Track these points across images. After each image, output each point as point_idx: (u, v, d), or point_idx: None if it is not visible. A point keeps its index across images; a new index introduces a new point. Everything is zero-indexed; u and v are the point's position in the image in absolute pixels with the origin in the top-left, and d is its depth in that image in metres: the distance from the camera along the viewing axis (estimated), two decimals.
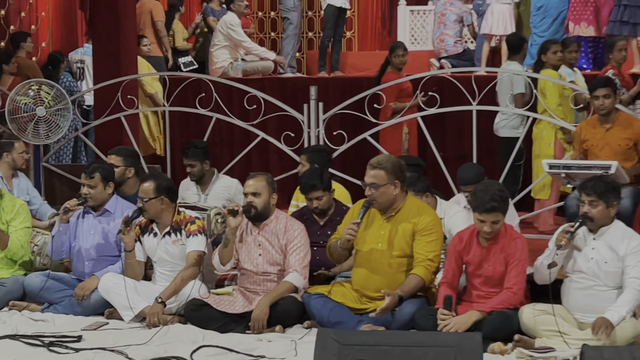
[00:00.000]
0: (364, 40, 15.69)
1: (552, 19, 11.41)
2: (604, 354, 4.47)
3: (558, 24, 11.40)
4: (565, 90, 8.93)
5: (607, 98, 7.50)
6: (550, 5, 11.40)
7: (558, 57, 9.18)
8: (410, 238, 6.12)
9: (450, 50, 12.16)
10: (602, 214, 5.92)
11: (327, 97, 10.20)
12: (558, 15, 11.40)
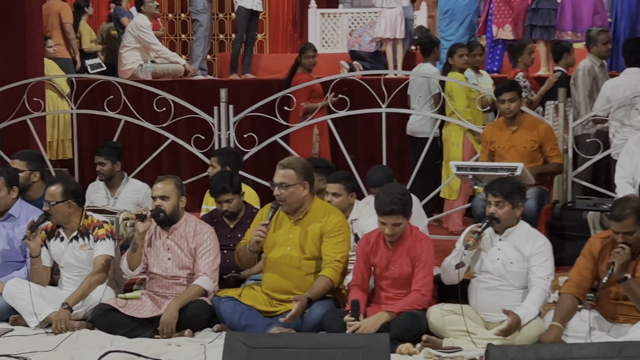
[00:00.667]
0: (275, 42, 15.71)
1: (459, 23, 11.57)
2: (509, 353, 4.52)
3: (465, 28, 11.57)
4: (472, 93, 9.07)
5: (512, 102, 7.62)
6: (456, 9, 11.56)
7: (464, 60, 9.32)
8: (319, 240, 6.13)
9: (364, 47, 12.23)
10: (508, 215, 6.01)
11: (238, 99, 10.18)
12: (465, 19, 11.57)
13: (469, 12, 11.62)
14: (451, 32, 11.51)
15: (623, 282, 5.54)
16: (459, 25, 11.58)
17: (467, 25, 11.60)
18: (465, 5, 11.57)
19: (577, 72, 9.12)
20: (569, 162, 8.33)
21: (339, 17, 14.54)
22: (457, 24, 11.58)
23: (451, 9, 11.60)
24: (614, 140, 8.34)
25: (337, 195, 6.83)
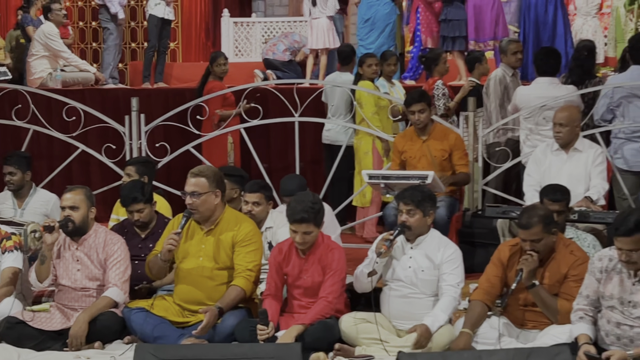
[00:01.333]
0: (188, 51, 15.62)
1: (379, 32, 11.67)
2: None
3: (385, 37, 11.67)
4: (381, 101, 9.15)
5: (422, 112, 7.70)
6: (377, 18, 11.66)
7: (373, 70, 9.39)
8: (231, 249, 6.11)
9: (278, 56, 12.24)
10: (420, 223, 6.07)
11: (150, 108, 10.10)
12: (385, 28, 11.68)
13: (389, 22, 11.72)
14: (371, 41, 11.60)
15: (531, 289, 5.64)
16: (379, 34, 11.67)
17: (387, 35, 11.70)
18: (386, 14, 11.68)
19: (488, 82, 9.26)
20: (478, 170, 8.44)
21: (252, 26, 14.55)
22: (377, 32, 11.68)
23: (372, 18, 11.70)
24: (524, 148, 8.48)
25: (258, 204, 6.82)
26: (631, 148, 8.00)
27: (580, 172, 7.33)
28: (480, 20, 11.13)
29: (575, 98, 8.32)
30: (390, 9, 11.77)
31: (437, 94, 9.26)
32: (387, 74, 9.79)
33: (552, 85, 8.49)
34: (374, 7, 11.72)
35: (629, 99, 7.98)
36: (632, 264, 5.16)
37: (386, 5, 11.73)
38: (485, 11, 11.12)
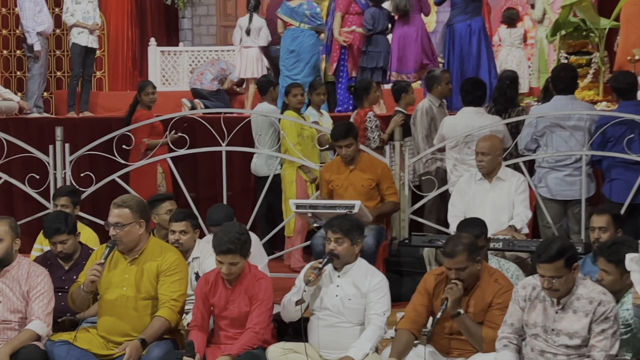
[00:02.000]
0: (114, 80, 15.51)
1: (305, 63, 11.73)
2: None
3: (311, 68, 11.73)
4: (304, 131, 9.19)
5: (349, 147, 7.73)
6: (302, 49, 11.72)
7: (298, 100, 9.43)
8: (155, 279, 6.05)
9: (205, 85, 12.21)
10: (348, 251, 6.09)
11: (75, 137, 10.01)
12: (310, 59, 11.74)
13: (314, 52, 11.80)
14: (297, 72, 11.64)
15: (456, 318, 5.68)
16: (304, 65, 11.73)
17: (312, 65, 11.77)
18: (311, 45, 11.75)
19: (416, 112, 9.35)
20: (405, 199, 8.50)
21: (179, 55, 14.53)
22: (303, 63, 11.74)
23: (297, 50, 11.75)
24: (451, 177, 8.57)
25: (185, 233, 6.78)
26: (555, 177, 8.13)
27: (504, 200, 7.43)
28: (404, 52, 11.28)
29: (500, 127, 8.45)
30: (315, 40, 11.85)
31: (370, 126, 9.28)
32: (316, 104, 9.84)
33: (478, 114, 8.61)
34: (299, 38, 11.79)
35: (552, 128, 8.12)
36: (554, 291, 5.23)
37: (311, 37, 11.81)
38: (410, 43, 11.28)
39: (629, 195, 7.78)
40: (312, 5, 12.06)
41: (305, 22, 11.87)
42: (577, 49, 11.14)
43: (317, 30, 11.94)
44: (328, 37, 11.89)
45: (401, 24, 11.43)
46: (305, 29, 11.85)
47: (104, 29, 15.02)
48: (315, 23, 11.88)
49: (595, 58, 10.96)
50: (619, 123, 7.85)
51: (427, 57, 11.36)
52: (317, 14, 11.92)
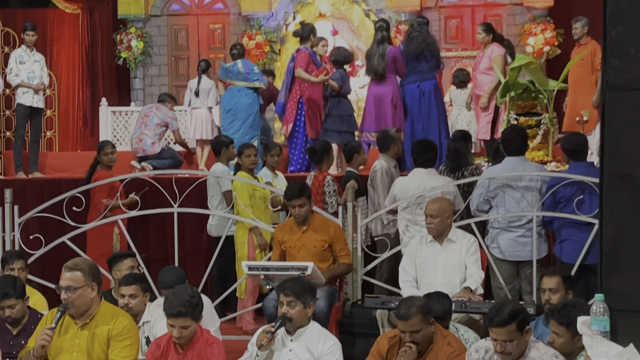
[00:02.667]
0: (65, 140, 15.45)
1: (242, 122, 11.79)
2: None
3: (248, 127, 11.77)
4: (257, 192, 9.19)
5: (302, 207, 7.73)
6: (239, 108, 11.78)
7: (251, 160, 9.46)
8: (106, 344, 5.96)
9: (148, 151, 12.16)
10: (300, 315, 6.07)
11: (25, 199, 9.91)
12: (247, 118, 11.79)
13: (251, 112, 11.84)
14: (233, 131, 11.68)
15: None
16: (241, 124, 11.78)
17: (249, 124, 11.80)
18: (248, 104, 11.81)
19: (374, 173, 9.37)
20: (358, 260, 8.50)
21: (130, 115, 14.50)
22: (240, 122, 11.78)
23: (233, 108, 11.81)
24: (404, 239, 8.60)
25: (134, 296, 6.70)
26: (507, 238, 8.19)
27: (455, 262, 7.46)
28: (381, 112, 11.38)
29: (451, 188, 8.53)
30: (252, 99, 11.91)
31: (328, 191, 9.31)
32: (270, 165, 9.85)
33: (429, 175, 8.69)
34: (236, 97, 11.85)
35: (504, 189, 8.20)
36: (507, 355, 5.25)
37: (248, 96, 11.87)
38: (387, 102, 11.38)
39: (579, 255, 7.85)
40: (247, 63, 12.16)
41: (241, 79, 11.95)
42: (527, 110, 11.28)
43: (255, 88, 11.98)
44: (285, 96, 11.90)
45: (376, 84, 11.54)
46: (242, 87, 11.91)
47: (55, 89, 14.99)
48: (251, 79, 11.95)
49: (545, 119, 11.12)
50: (570, 184, 7.95)
51: (400, 118, 11.45)
52: (252, 70, 12.00)
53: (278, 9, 16.58)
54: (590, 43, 11.87)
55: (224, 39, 16.77)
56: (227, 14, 16.82)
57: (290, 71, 11.86)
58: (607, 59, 4.53)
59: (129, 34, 16.38)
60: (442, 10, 16.32)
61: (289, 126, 11.85)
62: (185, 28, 16.81)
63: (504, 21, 16.27)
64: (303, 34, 11.93)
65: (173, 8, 16.89)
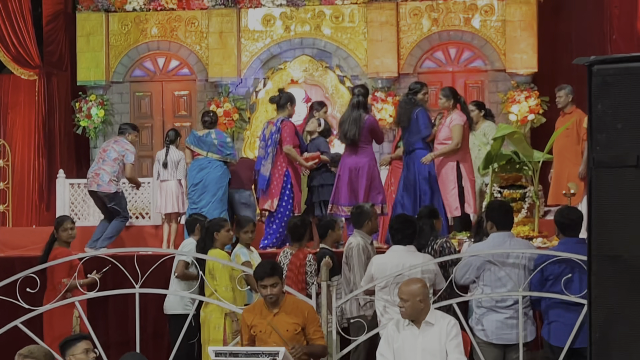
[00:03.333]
0: (19, 214, 15.41)
1: (212, 195, 11.81)
2: None
3: (218, 201, 11.79)
4: (235, 272, 9.12)
5: (274, 287, 7.62)
6: (208, 181, 11.81)
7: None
8: None
9: (103, 187, 12.11)
10: None
11: None
12: (217, 191, 11.82)
13: (221, 185, 11.88)
14: (203, 204, 11.69)
15: None
16: (211, 197, 11.81)
17: (219, 198, 11.83)
18: (218, 177, 11.85)
19: (350, 251, 9.29)
20: (333, 344, 8.46)
21: None
22: (209, 195, 11.81)
23: (202, 181, 11.84)
24: (382, 320, 8.55)
25: None
26: (494, 319, 8.15)
27: (435, 346, 7.38)
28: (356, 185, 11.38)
29: (432, 266, 8.53)
30: (222, 171, 11.95)
31: (309, 270, 9.26)
32: (245, 242, 9.76)
33: (409, 253, 8.68)
34: (206, 169, 11.88)
35: (490, 267, 8.20)
36: None
37: (218, 168, 11.91)
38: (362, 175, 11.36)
39: (568, 338, 7.83)
40: (221, 134, 12.22)
41: (213, 152, 11.99)
42: (511, 182, 11.34)
43: (225, 161, 12.03)
44: (269, 169, 11.83)
45: (350, 154, 11.53)
46: (213, 159, 11.95)
47: (8, 159, 14.97)
48: (224, 153, 12.01)
49: (530, 192, 11.17)
50: (558, 261, 7.94)
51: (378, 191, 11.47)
52: (225, 143, 12.05)
53: (247, 75, 16.78)
54: (575, 112, 12.05)
55: (190, 106, 16.93)
56: (194, 80, 16.99)
57: (276, 143, 11.80)
58: (594, 134, 4.59)
59: (88, 101, 16.50)
60: (420, 76, 16.55)
61: (274, 200, 11.81)
62: (148, 95, 16.97)
63: (486, 88, 16.53)
64: (280, 101, 11.98)
65: (136, 74, 17.06)
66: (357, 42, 16.66)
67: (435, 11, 16.59)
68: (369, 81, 16.34)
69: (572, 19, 16.32)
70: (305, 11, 16.80)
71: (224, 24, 16.75)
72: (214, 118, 12.44)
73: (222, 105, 16.36)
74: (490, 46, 16.38)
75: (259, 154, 12.18)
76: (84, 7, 16.93)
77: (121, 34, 16.98)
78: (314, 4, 16.74)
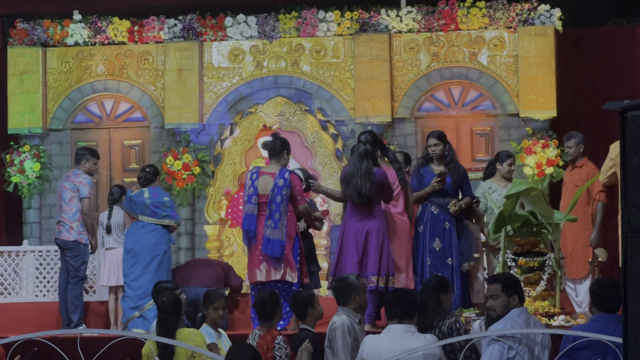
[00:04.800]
0: None
1: (144, 266, 11.82)
2: None
3: (152, 272, 11.77)
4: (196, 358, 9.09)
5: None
6: (141, 248, 11.81)
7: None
8: None
9: (63, 235, 12.21)
10: None
11: None
12: (151, 262, 11.82)
13: (156, 253, 11.85)
14: (135, 277, 11.72)
15: None
16: (143, 268, 11.81)
17: (154, 269, 11.79)
18: (151, 244, 11.84)
19: (333, 332, 9.20)
20: None
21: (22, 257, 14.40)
22: (141, 267, 11.83)
23: (135, 249, 11.85)
24: None
25: None
26: None
27: None
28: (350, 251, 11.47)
29: (435, 350, 8.50)
30: (159, 237, 11.95)
31: (279, 355, 9.20)
32: (212, 320, 9.77)
33: (407, 334, 8.65)
34: (138, 235, 11.91)
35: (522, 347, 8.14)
36: None
37: (154, 233, 11.92)
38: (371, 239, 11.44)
39: None
40: (156, 192, 12.21)
41: (146, 214, 12.01)
42: (527, 248, 11.33)
43: (164, 225, 12.02)
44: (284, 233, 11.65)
45: (356, 213, 11.53)
46: (148, 223, 11.97)
47: None
48: (159, 215, 12.00)
49: (550, 260, 11.18)
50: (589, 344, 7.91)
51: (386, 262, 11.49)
52: (161, 203, 12.05)
53: (211, 121, 16.77)
54: (586, 165, 12.23)
55: (143, 158, 16.90)
56: (147, 127, 16.98)
57: (287, 199, 11.59)
58: (628, 194, 4.62)
59: (21, 152, 16.44)
60: (418, 121, 16.61)
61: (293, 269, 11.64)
62: (93, 144, 16.85)
63: (496, 135, 16.54)
64: (275, 147, 11.82)
65: (79, 120, 17.06)
66: (343, 81, 16.65)
67: (435, 45, 16.58)
68: (356, 127, 16.36)
69: (596, 54, 16.47)
70: (280, 44, 16.75)
71: (184, 60, 16.70)
72: (150, 174, 12.47)
73: (180, 157, 16.31)
74: (501, 85, 16.41)
75: (248, 211, 11.74)
76: (16, 41, 16.87)
77: (61, 72, 16.94)
78: (290, 35, 16.69)
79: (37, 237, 16.30)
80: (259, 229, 11.58)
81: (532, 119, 16.18)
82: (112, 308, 12.75)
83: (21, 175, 16.35)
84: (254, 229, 11.65)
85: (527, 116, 16.21)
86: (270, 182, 11.65)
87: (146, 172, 12.48)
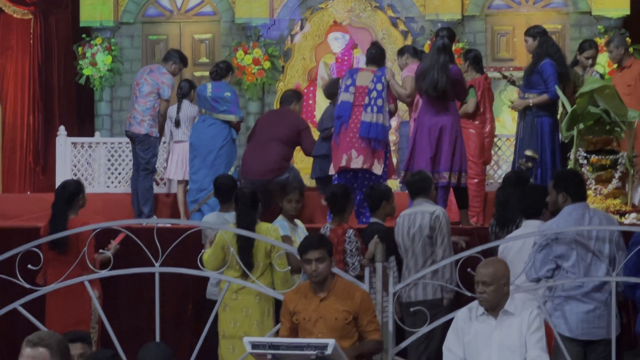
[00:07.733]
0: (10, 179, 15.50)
1: (201, 160, 12.04)
2: None
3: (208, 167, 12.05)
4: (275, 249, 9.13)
5: (320, 262, 7.64)
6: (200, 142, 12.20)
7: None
8: None
9: (134, 127, 12.24)
10: None
11: None
12: (207, 155, 12.00)
13: (212, 148, 11.99)
14: (193, 171, 12.16)
15: None
16: (201, 162, 11.98)
17: (210, 163, 12.01)
18: (210, 137, 12.14)
19: (436, 221, 9.39)
20: (389, 337, 8.47)
21: (95, 148, 14.51)
22: (199, 161, 12.00)
23: (194, 143, 12.24)
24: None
25: None
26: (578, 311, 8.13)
27: (514, 341, 7.35)
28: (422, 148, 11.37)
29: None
30: (217, 131, 12.16)
31: (349, 248, 9.23)
32: (287, 212, 9.73)
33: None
34: (199, 128, 12.32)
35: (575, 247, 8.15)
36: None
37: (213, 127, 12.19)
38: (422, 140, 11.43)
39: None
40: (219, 87, 12.14)
41: (207, 108, 12.03)
42: (599, 146, 11.24)
43: (225, 120, 12.03)
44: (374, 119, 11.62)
45: (430, 109, 11.40)
46: (208, 117, 12.00)
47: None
48: (217, 109, 11.98)
49: (622, 158, 11.08)
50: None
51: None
52: (221, 97, 12.02)
53: (281, 16, 16.72)
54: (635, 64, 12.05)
55: (214, 52, 16.92)
56: (218, 22, 16.96)
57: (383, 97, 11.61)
58: None
59: (93, 45, 16.47)
60: (488, 18, 16.46)
61: (380, 161, 11.73)
62: (164, 39, 16.96)
63: (566, 34, 16.40)
64: (379, 57, 11.91)
65: (149, 13, 17.04)
66: None
67: None
68: (426, 24, 16.25)
69: None
70: None
71: None
72: (222, 69, 12.40)
73: (250, 52, 16.31)
74: None
75: (344, 98, 11.75)
76: None
77: None
78: None
79: (108, 129, 16.43)
80: (353, 117, 11.69)
81: (604, 16, 16.00)
82: (180, 200, 12.82)
83: (93, 67, 16.41)
84: (348, 115, 11.72)
85: (599, 14, 16.01)
86: (370, 76, 11.76)
87: (219, 67, 12.47)
